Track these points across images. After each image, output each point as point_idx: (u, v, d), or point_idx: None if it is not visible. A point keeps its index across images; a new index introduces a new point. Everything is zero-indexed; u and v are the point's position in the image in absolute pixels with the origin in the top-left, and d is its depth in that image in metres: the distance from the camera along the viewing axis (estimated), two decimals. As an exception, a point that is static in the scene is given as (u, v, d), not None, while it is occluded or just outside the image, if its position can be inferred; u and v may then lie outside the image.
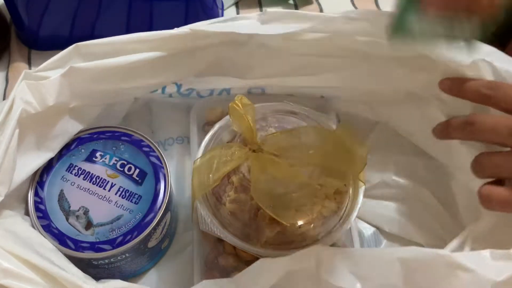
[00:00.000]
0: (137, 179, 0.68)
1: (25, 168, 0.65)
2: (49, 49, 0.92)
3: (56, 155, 0.69)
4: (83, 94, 0.69)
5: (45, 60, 0.89)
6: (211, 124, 0.78)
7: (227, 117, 0.73)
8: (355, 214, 0.67)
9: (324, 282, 0.57)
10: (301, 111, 0.75)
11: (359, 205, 0.68)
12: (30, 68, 0.94)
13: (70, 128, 0.70)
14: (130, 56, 0.68)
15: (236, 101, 0.67)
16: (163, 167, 0.69)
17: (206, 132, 0.78)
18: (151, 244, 0.67)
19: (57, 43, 0.91)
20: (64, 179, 0.68)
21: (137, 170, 0.69)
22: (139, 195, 0.67)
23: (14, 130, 0.61)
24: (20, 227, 0.63)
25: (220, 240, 0.71)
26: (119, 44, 0.68)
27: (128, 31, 0.70)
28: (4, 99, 0.91)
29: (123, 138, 0.71)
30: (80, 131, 0.71)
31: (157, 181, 0.68)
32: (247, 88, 0.82)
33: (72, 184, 0.68)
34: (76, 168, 0.69)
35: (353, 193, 0.69)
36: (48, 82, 0.65)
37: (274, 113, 0.74)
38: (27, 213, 0.67)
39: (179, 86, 0.78)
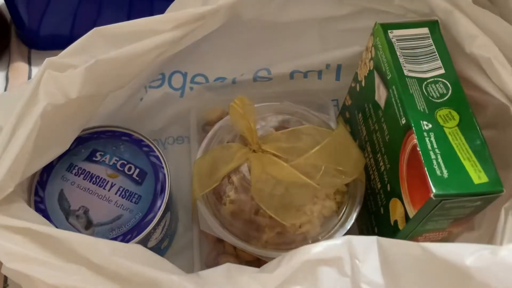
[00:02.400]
0: (137, 179, 0.68)
1: (38, 161, 0.64)
2: (49, 49, 0.92)
3: (55, 154, 0.69)
4: (107, 84, 0.67)
5: (45, 59, 0.90)
6: (211, 124, 0.79)
7: (228, 117, 0.73)
8: (355, 214, 0.67)
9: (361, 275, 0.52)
10: (301, 111, 0.75)
11: (359, 205, 0.68)
12: (30, 68, 0.94)
13: (84, 121, 0.70)
14: (154, 38, 0.67)
15: (236, 101, 0.67)
16: (163, 167, 0.69)
17: (206, 132, 0.78)
18: (151, 244, 0.67)
19: (57, 43, 0.91)
20: (64, 179, 0.68)
21: (137, 170, 0.68)
22: (139, 195, 0.67)
23: (35, 124, 0.60)
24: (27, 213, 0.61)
25: (220, 240, 0.71)
26: (139, 26, 0.68)
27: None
28: None
29: (123, 138, 0.71)
30: (81, 131, 0.71)
31: (157, 181, 0.68)
32: (253, 74, 0.83)
33: (72, 183, 0.67)
34: (76, 167, 0.68)
35: (353, 193, 0.69)
36: (72, 74, 0.63)
37: (274, 113, 0.74)
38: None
39: (185, 75, 0.80)
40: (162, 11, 0.87)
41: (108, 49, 0.65)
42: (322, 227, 0.67)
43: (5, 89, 0.92)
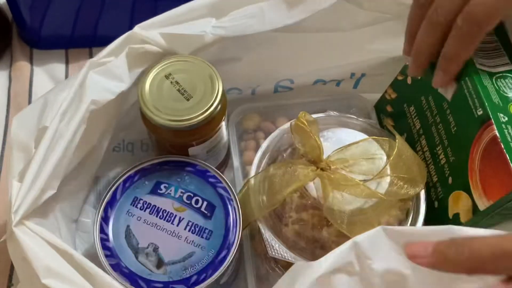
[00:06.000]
0: (206, 212, 0.65)
1: (75, 161, 0.64)
2: (50, 48, 0.95)
3: (119, 188, 0.66)
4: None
5: (46, 59, 0.94)
6: (249, 132, 0.79)
7: (279, 130, 0.73)
8: (421, 219, 0.67)
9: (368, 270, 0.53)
10: (349, 119, 0.75)
11: (424, 210, 0.68)
12: (32, 68, 0.93)
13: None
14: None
15: (301, 118, 0.66)
16: (232, 199, 0.66)
17: (244, 141, 0.78)
18: (223, 280, 0.66)
19: (59, 42, 0.95)
20: (130, 214, 0.65)
21: (205, 203, 0.66)
22: (210, 230, 0.64)
23: (80, 124, 0.61)
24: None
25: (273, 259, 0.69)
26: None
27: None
28: (8, 98, 0.90)
29: (187, 168, 0.68)
30: (141, 162, 0.68)
31: (227, 215, 0.65)
32: (274, 84, 0.83)
33: (139, 219, 0.64)
34: (141, 201, 0.66)
35: (416, 198, 0.69)
36: (117, 61, 0.66)
37: (325, 126, 0.72)
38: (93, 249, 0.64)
39: None
40: (165, 11, 0.86)
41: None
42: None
43: (9, 89, 0.91)
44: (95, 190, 0.78)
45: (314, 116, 0.71)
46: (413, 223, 0.67)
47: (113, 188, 0.67)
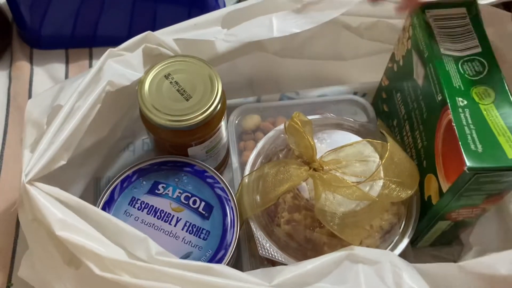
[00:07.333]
0: (203, 212, 0.65)
1: (88, 139, 0.66)
2: (50, 48, 0.95)
3: (117, 187, 0.66)
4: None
5: (47, 59, 0.94)
6: (249, 132, 0.78)
7: (274, 131, 0.73)
8: (413, 224, 0.68)
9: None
10: (345, 122, 0.74)
11: (416, 214, 0.68)
12: (32, 67, 0.93)
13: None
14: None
15: (295, 119, 0.66)
16: (230, 200, 0.67)
17: (244, 141, 0.78)
18: (220, 280, 0.65)
19: (59, 42, 0.95)
20: (127, 214, 0.65)
21: (203, 203, 0.66)
22: (207, 230, 0.64)
23: (96, 103, 0.63)
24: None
25: (269, 260, 0.69)
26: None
27: (130, 31, 0.70)
28: (8, 98, 0.90)
29: (185, 169, 0.68)
30: (139, 162, 0.68)
31: (225, 215, 0.66)
32: (279, 95, 0.84)
33: (136, 219, 0.65)
34: (139, 201, 0.66)
35: (409, 202, 0.69)
36: (134, 54, 0.68)
37: (321, 127, 0.72)
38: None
39: None
40: (164, 11, 0.87)
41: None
42: (381, 239, 0.66)
43: (9, 89, 0.91)
44: (96, 189, 0.79)
45: (310, 117, 0.71)
46: (406, 227, 0.68)
47: (111, 188, 0.67)
